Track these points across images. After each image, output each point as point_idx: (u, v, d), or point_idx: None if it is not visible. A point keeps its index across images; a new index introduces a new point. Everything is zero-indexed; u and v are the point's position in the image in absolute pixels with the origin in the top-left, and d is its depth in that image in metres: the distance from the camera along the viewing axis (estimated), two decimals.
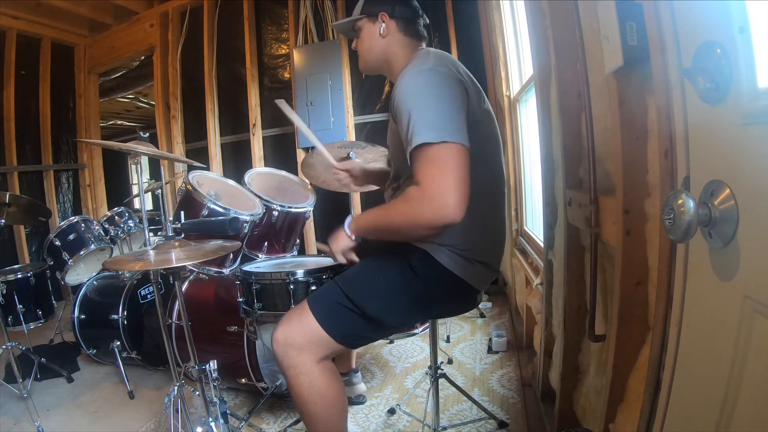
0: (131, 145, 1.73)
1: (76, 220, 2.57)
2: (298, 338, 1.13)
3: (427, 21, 1.32)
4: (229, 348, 1.84)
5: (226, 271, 1.98)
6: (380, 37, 1.26)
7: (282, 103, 1.58)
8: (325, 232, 3.72)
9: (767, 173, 0.49)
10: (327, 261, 1.58)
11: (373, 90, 3.46)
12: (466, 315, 2.85)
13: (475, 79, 1.20)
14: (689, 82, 0.61)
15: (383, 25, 1.25)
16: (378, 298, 1.17)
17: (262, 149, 3.76)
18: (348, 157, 2.39)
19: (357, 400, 1.89)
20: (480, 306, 2.89)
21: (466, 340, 2.53)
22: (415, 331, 1.76)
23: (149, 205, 6.42)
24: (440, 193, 0.97)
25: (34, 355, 2.25)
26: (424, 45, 1.30)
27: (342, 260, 1.23)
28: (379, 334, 1.31)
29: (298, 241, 2.31)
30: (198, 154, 3.85)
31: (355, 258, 1.24)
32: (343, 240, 1.20)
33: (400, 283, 1.18)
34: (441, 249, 1.16)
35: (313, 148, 2.94)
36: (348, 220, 1.19)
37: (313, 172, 2.40)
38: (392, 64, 1.28)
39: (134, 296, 2.28)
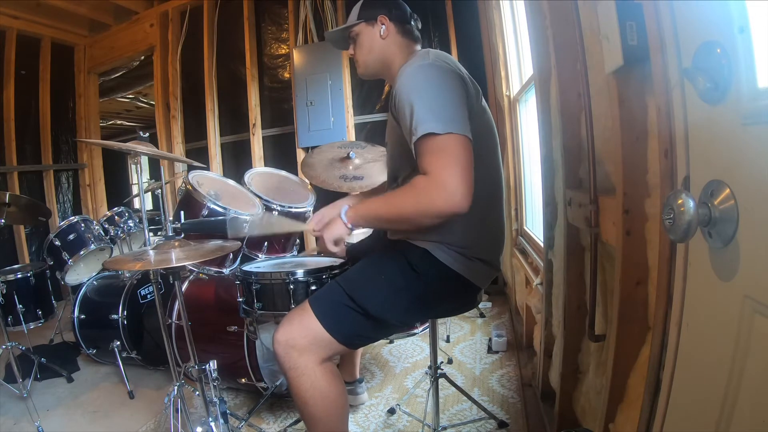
0: (131, 145, 1.73)
1: (76, 220, 2.57)
2: (299, 339, 1.13)
3: (420, 25, 1.34)
4: (229, 348, 1.84)
5: (226, 270, 1.98)
6: (380, 39, 1.27)
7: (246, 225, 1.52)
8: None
9: (767, 173, 0.49)
10: (327, 261, 1.58)
11: (373, 90, 3.46)
12: (466, 315, 2.85)
13: (473, 79, 1.20)
14: (689, 82, 0.61)
15: (383, 27, 1.27)
16: (380, 298, 1.17)
17: (262, 149, 3.76)
18: (348, 158, 2.38)
19: (357, 402, 1.89)
20: (480, 306, 2.89)
21: (466, 340, 2.53)
22: (415, 331, 1.76)
23: (149, 205, 6.42)
24: (449, 182, 0.99)
25: (34, 355, 2.25)
26: (419, 47, 1.31)
27: (334, 249, 1.20)
28: (381, 334, 1.31)
29: (298, 241, 2.31)
30: (198, 154, 3.85)
31: (343, 248, 1.23)
32: (339, 228, 1.17)
33: (401, 282, 1.18)
34: (440, 247, 1.16)
35: (314, 147, 2.94)
36: (345, 209, 1.17)
37: (313, 172, 2.40)
38: (391, 66, 1.29)
39: (134, 296, 2.28)
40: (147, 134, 2.21)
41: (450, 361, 2.25)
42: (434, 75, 1.08)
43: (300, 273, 1.41)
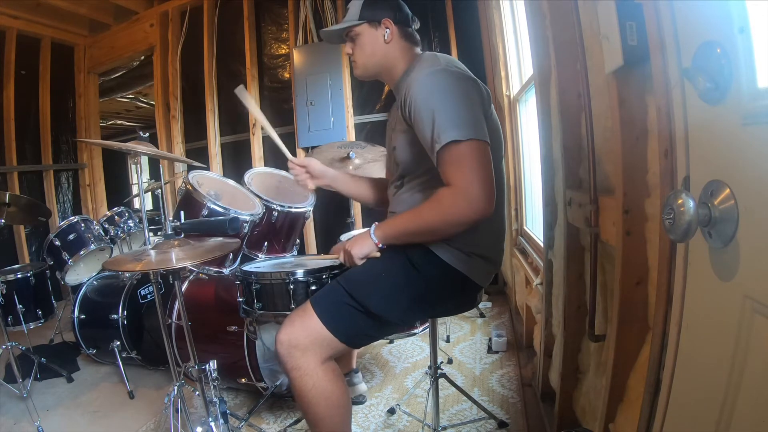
0: (131, 145, 1.73)
1: (75, 220, 2.57)
2: (302, 339, 1.14)
3: (418, 26, 1.33)
4: (229, 348, 1.84)
5: (226, 270, 1.98)
6: (383, 43, 1.26)
7: (241, 91, 1.53)
8: (324, 233, 3.73)
9: (767, 173, 0.49)
10: (327, 261, 1.58)
11: (373, 90, 3.46)
12: (466, 315, 2.85)
13: (483, 83, 1.21)
14: (689, 82, 0.61)
15: (387, 31, 1.25)
16: (382, 296, 1.17)
17: (262, 149, 3.76)
18: (348, 157, 2.39)
19: (357, 400, 1.89)
20: (480, 306, 2.89)
21: (466, 340, 2.53)
22: (415, 330, 1.76)
23: (149, 205, 6.41)
24: (473, 190, 1.04)
25: (34, 355, 2.25)
26: (419, 49, 1.31)
27: (360, 263, 1.23)
28: (382, 333, 1.32)
29: (298, 241, 2.31)
30: (198, 154, 3.85)
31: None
32: (369, 246, 1.21)
33: (402, 280, 1.19)
34: (442, 245, 1.17)
35: (314, 147, 2.94)
36: (373, 228, 1.21)
37: None
38: (392, 70, 1.28)
39: (134, 296, 2.28)
40: (147, 134, 2.21)
41: (450, 361, 2.25)
42: (450, 81, 1.10)
43: (300, 273, 1.41)
